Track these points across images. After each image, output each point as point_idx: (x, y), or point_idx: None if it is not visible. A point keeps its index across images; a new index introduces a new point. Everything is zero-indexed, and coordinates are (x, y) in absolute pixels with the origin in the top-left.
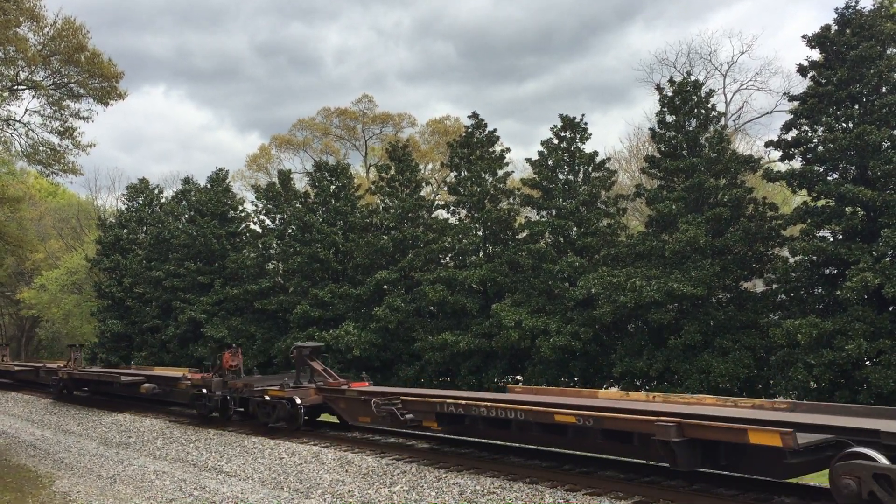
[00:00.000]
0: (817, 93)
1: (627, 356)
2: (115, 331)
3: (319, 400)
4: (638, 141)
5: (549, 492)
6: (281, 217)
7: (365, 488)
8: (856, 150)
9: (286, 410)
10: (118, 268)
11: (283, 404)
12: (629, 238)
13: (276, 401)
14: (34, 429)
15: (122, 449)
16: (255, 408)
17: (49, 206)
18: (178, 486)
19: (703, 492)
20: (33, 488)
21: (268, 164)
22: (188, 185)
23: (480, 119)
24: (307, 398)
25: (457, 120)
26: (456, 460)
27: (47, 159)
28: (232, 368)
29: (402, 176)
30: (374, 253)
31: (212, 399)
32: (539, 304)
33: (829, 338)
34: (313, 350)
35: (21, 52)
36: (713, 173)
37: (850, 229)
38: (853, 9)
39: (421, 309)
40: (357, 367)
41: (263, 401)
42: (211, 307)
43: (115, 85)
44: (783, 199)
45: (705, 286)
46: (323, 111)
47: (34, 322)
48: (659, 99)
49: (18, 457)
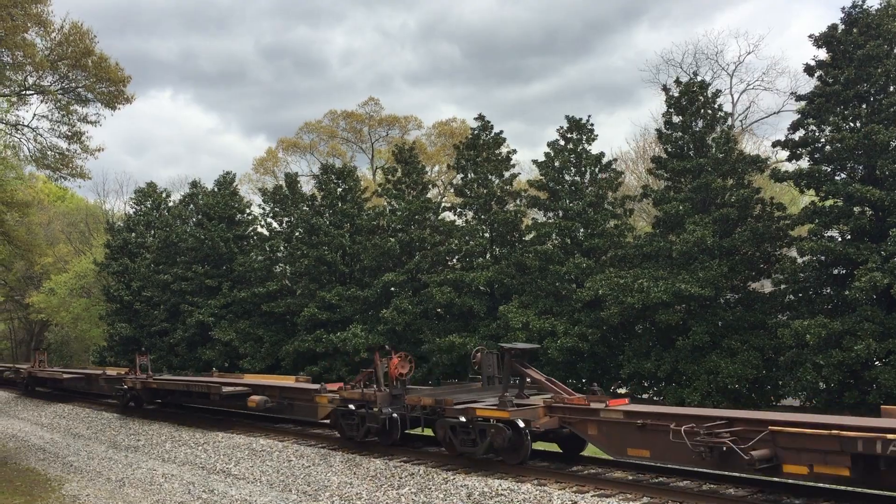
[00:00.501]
0: (824, 92)
1: (635, 357)
2: (123, 334)
3: (554, 423)
4: (644, 142)
5: (557, 493)
6: (288, 220)
7: (373, 490)
8: (863, 150)
9: (504, 438)
10: (126, 271)
11: (500, 429)
12: (636, 239)
13: (488, 423)
14: (43, 432)
15: (131, 452)
16: (446, 432)
17: (57, 210)
18: (186, 488)
19: (710, 493)
20: (42, 492)
21: (275, 167)
22: (196, 189)
23: (486, 121)
24: (537, 420)
25: (463, 122)
26: (464, 462)
27: (55, 164)
28: (401, 378)
29: (409, 178)
30: (381, 255)
31: (375, 418)
32: (546, 305)
33: (838, 338)
34: (526, 353)
35: (29, 58)
36: (720, 174)
37: (859, 229)
38: (860, 8)
39: (428, 311)
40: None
41: (463, 423)
42: (219, 310)
43: (123, 89)
44: (791, 199)
45: (713, 287)
46: (329, 114)
47: (43, 326)
48: (665, 99)
49: (28, 460)
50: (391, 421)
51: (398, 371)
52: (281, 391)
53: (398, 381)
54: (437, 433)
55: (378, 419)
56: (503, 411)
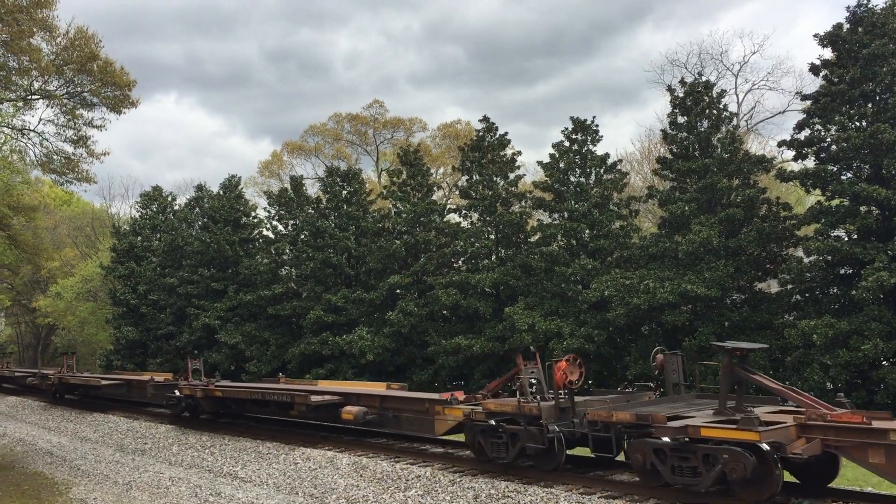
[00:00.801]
0: (830, 92)
1: (642, 358)
2: (130, 338)
3: (816, 448)
4: (649, 142)
5: (564, 495)
6: (293, 223)
7: (379, 493)
8: (869, 149)
9: (745, 467)
10: (133, 275)
11: (737, 455)
12: (642, 240)
13: (719, 447)
14: (51, 436)
15: (138, 455)
16: (646, 456)
17: (64, 214)
18: (193, 491)
19: (718, 494)
20: (50, 495)
21: (280, 170)
22: (201, 192)
23: (491, 122)
24: (793, 444)
25: (468, 124)
26: (470, 465)
27: (62, 168)
28: (570, 386)
29: (414, 180)
30: (386, 257)
31: (536, 437)
32: (552, 306)
33: (845, 338)
34: (751, 354)
35: (35, 62)
36: (726, 174)
37: (865, 228)
38: (865, 7)
39: (434, 313)
40: (371, 371)
41: (678, 446)
42: (225, 313)
43: (128, 93)
44: (797, 198)
45: (719, 287)
46: (334, 116)
47: (50, 330)
48: (670, 100)
49: (35, 464)
50: (557, 441)
51: (567, 378)
52: (382, 401)
53: (566, 390)
54: (633, 457)
55: (542, 439)
56: (749, 431)
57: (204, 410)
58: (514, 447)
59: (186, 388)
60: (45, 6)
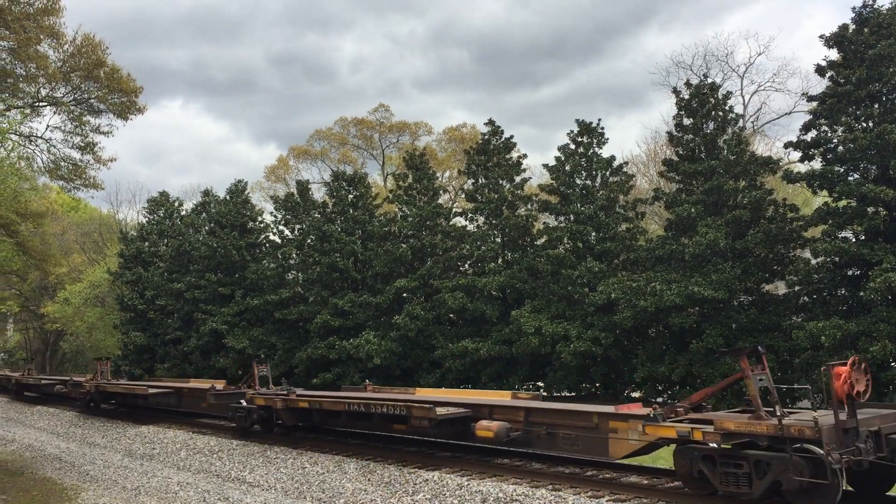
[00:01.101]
0: (836, 92)
1: (649, 361)
2: (137, 343)
3: None
4: (655, 144)
5: (572, 498)
6: (300, 227)
7: (387, 497)
8: (876, 150)
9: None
10: (140, 280)
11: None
12: (648, 242)
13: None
14: (59, 441)
15: (147, 461)
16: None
17: (71, 220)
18: (201, 496)
19: (728, 496)
20: (58, 501)
21: (286, 175)
22: (208, 198)
23: (497, 126)
24: None
25: (473, 127)
26: (479, 468)
27: (69, 174)
28: (856, 399)
29: (420, 184)
30: (392, 261)
31: (805, 468)
32: (559, 309)
33: (854, 339)
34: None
35: (42, 70)
36: (732, 175)
37: (873, 229)
38: (871, 7)
39: (441, 316)
40: (378, 375)
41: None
42: (232, 318)
43: (135, 99)
44: (804, 200)
45: (726, 289)
46: (340, 121)
47: (58, 335)
48: (676, 102)
49: (44, 469)
50: (839, 472)
51: (854, 389)
52: (528, 413)
53: (848, 404)
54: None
55: (817, 470)
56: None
57: (282, 423)
58: (760, 479)
59: (259, 397)
60: (53, 13)
